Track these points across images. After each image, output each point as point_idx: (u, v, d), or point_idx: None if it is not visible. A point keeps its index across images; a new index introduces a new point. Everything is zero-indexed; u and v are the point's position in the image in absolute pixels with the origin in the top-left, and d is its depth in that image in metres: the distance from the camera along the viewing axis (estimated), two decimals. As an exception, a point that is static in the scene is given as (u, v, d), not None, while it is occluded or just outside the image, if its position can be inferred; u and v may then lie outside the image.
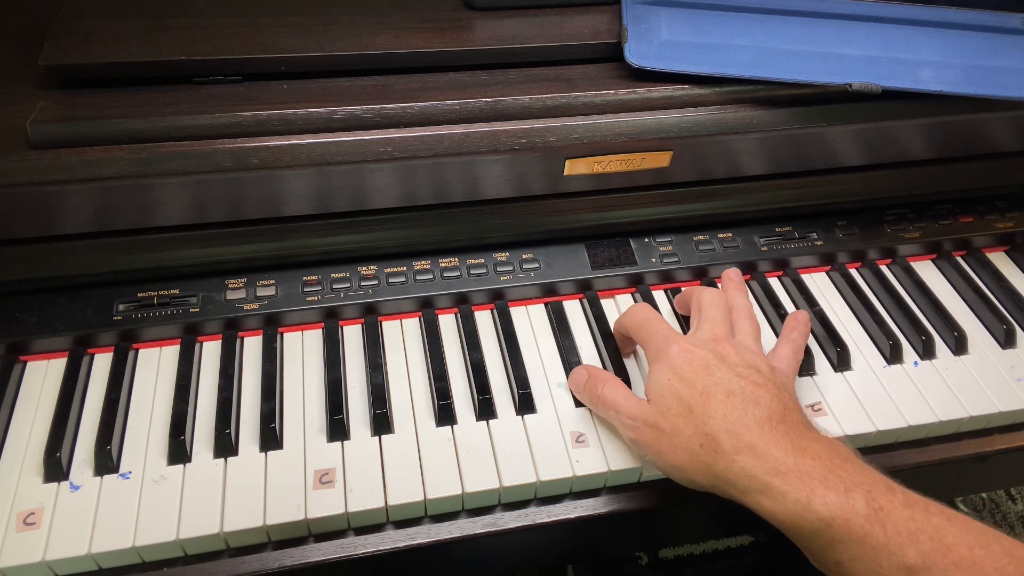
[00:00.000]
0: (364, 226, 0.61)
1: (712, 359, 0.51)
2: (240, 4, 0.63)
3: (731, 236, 0.69)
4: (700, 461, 0.48)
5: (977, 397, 0.60)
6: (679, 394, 0.50)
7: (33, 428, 0.55)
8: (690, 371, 0.50)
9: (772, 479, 0.45)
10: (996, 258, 0.73)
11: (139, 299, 0.60)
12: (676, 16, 0.64)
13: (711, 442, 0.47)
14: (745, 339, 0.55)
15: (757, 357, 0.52)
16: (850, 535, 0.43)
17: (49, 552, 0.48)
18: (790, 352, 0.57)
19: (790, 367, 0.56)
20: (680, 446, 0.49)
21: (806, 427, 0.49)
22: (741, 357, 0.51)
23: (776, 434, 0.47)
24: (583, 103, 0.59)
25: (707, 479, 0.48)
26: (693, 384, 0.50)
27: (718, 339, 0.53)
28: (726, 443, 0.47)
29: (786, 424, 0.47)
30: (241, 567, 0.50)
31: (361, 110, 0.56)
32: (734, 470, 0.46)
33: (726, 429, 0.47)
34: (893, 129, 0.64)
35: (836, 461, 0.45)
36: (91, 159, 0.52)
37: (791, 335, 0.58)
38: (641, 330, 0.56)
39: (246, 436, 0.55)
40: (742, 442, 0.46)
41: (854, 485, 0.44)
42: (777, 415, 0.48)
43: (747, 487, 0.46)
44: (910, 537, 0.42)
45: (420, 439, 0.55)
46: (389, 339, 0.62)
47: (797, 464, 0.45)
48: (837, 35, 0.64)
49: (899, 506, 0.43)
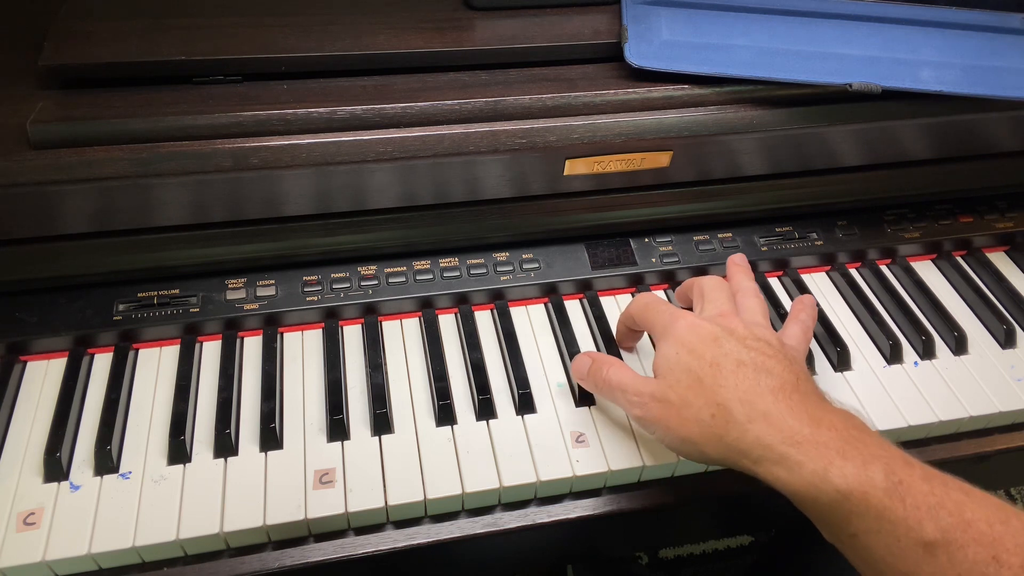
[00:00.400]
0: (364, 226, 0.61)
1: (720, 332, 0.49)
2: (240, 4, 0.63)
3: (731, 236, 0.69)
4: (711, 432, 0.46)
5: (977, 397, 0.60)
6: (688, 366, 0.48)
7: (33, 428, 0.55)
8: (698, 343, 0.49)
9: (788, 449, 0.44)
10: (996, 258, 0.73)
11: (139, 299, 0.60)
12: (676, 16, 0.64)
13: (723, 411, 0.46)
14: (752, 315, 0.53)
15: (766, 330, 0.51)
16: (868, 508, 0.42)
17: (49, 552, 0.48)
18: (799, 331, 0.55)
19: (800, 344, 0.54)
20: (690, 418, 0.47)
21: (820, 397, 0.47)
22: (750, 330, 0.50)
23: (791, 403, 0.45)
24: (583, 103, 0.59)
25: (719, 451, 0.46)
26: (702, 355, 0.48)
27: (725, 314, 0.52)
28: (738, 412, 0.45)
29: (800, 393, 0.46)
30: (241, 567, 0.50)
31: (361, 110, 0.56)
32: (747, 439, 0.45)
33: (738, 398, 0.46)
34: (893, 129, 0.64)
35: (853, 432, 0.44)
36: (91, 159, 0.52)
37: (799, 315, 0.57)
38: (647, 312, 0.55)
39: (246, 436, 0.55)
40: (755, 410, 0.45)
41: (872, 457, 0.43)
42: (790, 384, 0.46)
43: (761, 456, 0.45)
44: (929, 512, 0.41)
45: (420, 439, 0.55)
46: (389, 339, 0.62)
47: (814, 434, 0.44)
48: (837, 35, 0.64)
49: (918, 480, 0.42)
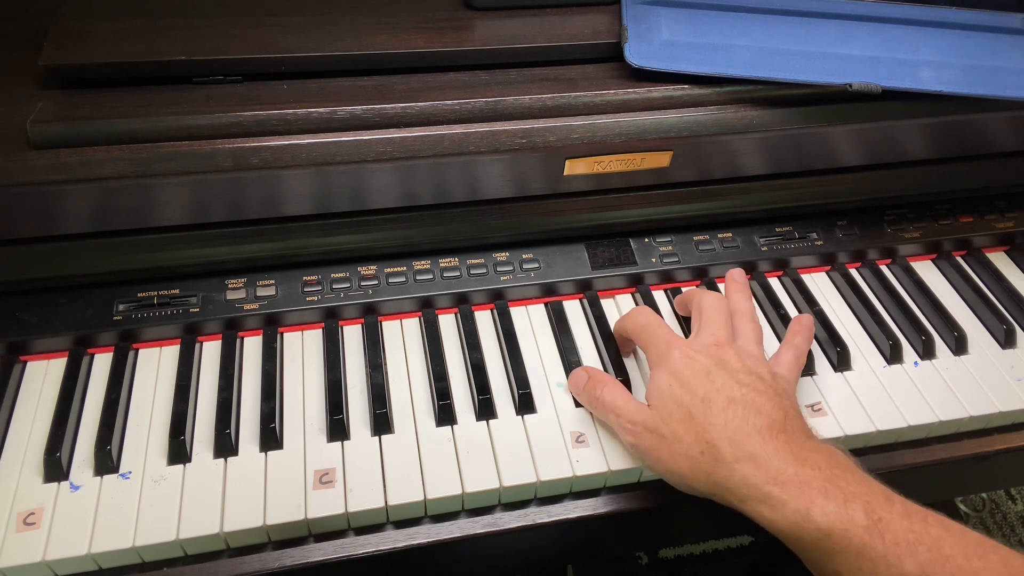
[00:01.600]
0: (364, 226, 0.61)
1: (713, 365, 0.51)
2: (240, 4, 0.63)
3: (731, 236, 0.69)
4: (700, 468, 0.48)
5: (977, 397, 0.60)
6: (680, 400, 0.50)
7: (33, 428, 0.55)
8: (691, 377, 0.50)
9: (772, 488, 0.45)
10: (996, 258, 0.73)
11: (139, 299, 0.60)
12: (676, 16, 0.64)
13: (712, 450, 0.47)
14: (747, 344, 0.55)
15: (759, 363, 0.52)
16: (849, 546, 0.43)
17: (49, 552, 0.48)
18: (792, 358, 0.56)
19: (792, 373, 0.55)
20: (680, 452, 0.49)
21: (807, 436, 0.49)
22: (743, 363, 0.51)
23: (777, 443, 0.47)
24: (583, 103, 0.59)
25: (707, 486, 0.48)
26: (695, 390, 0.50)
27: (720, 344, 0.53)
28: (727, 451, 0.47)
29: (787, 433, 0.47)
30: (241, 567, 0.50)
31: (361, 110, 0.56)
32: (734, 479, 0.46)
33: (727, 437, 0.47)
34: (893, 129, 0.64)
35: (836, 471, 0.45)
36: (91, 159, 0.52)
37: (794, 340, 0.58)
38: (643, 334, 0.56)
39: (246, 436, 0.55)
40: (743, 451, 0.47)
41: (853, 496, 0.44)
42: (778, 424, 0.48)
43: (747, 496, 0.46)
44: (908, 548, 0.42)
45: (420, 439, 0.55)
46: (389, 339, 0.62)
47: (797, 474, 0.45)
48: (837, 35, 0.64)
49: (897, 517, 0.43)
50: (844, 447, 0.49)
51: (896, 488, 0.46)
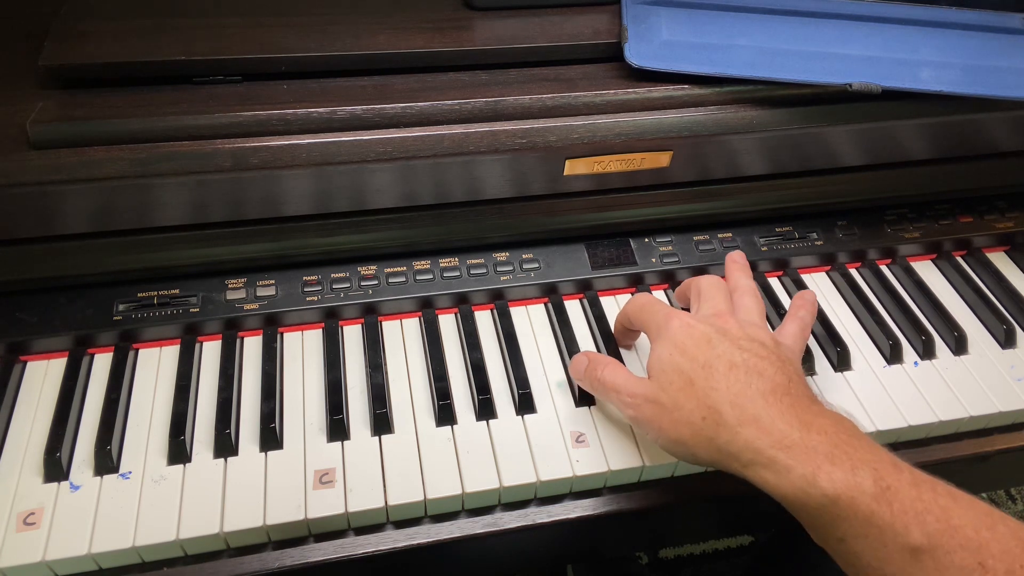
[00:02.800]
0: (364, 226, 0.61)
1: (714, 333, 0.50)
2: (240, 4, 0.63)
3: (731, 236, 0.69)
4: (702, 435, 0.47)
5: (977, 397, 0.60)
6: (680, 368, 0.49)
7: (33, 428, 0.55)
8: (691, 344, 0.49)
9: (777, 453, 0.44)
10: (996, 258, 0.73)
11: (139, 299, 0.60)
12: (676, 16, 0.64)
13: (714, 415, 0.46)
14: (748, 315, 0.54)
15: (760, 331, 0.51)
16: (856, 513, 0.42)
17: (49, 552, 0.48)
18: (797, 329, 0.55)
19: (796, 343, 0.54)
20: (682, 420, 0.48)
21: (811, 400, 0.48)
22: (744, 331, 0.50)
23: (781, 406, 0.46)
24: (583, 103, 0.59)
25: (709, 453, 0.47)
26: (695, 357, 0.49)
27: (720, 314, 0.52)
28: (729, 415, 0.46)
29: (791, 396, 0.46)
30: (241, 567, 0.50)
31: (361, 110, 0.56)
32: (737, 443, 0.45)
33: (729, 401, 0.46)
34: (893, 129, 0.64)
35: (843, 437, 0.44)
36: (91, 159, 0.52)
37: (798, 312, 0.57)
38: (643, 313, 0.55)
39: (246, 436, 0.55)
40: (746, 414, 0.46)
41: (861, 462, 0.43)
42: (782, 387, 0.47)
43: (751, 460, 0.45)
44: (916, 517, 0.41)
45: (420, 439, 0.55)
46: (389, 339, 0.62)
47: (803, 438, 0.44)
48: (837, 35, 0.64)
49: (906, 485, 0.42)
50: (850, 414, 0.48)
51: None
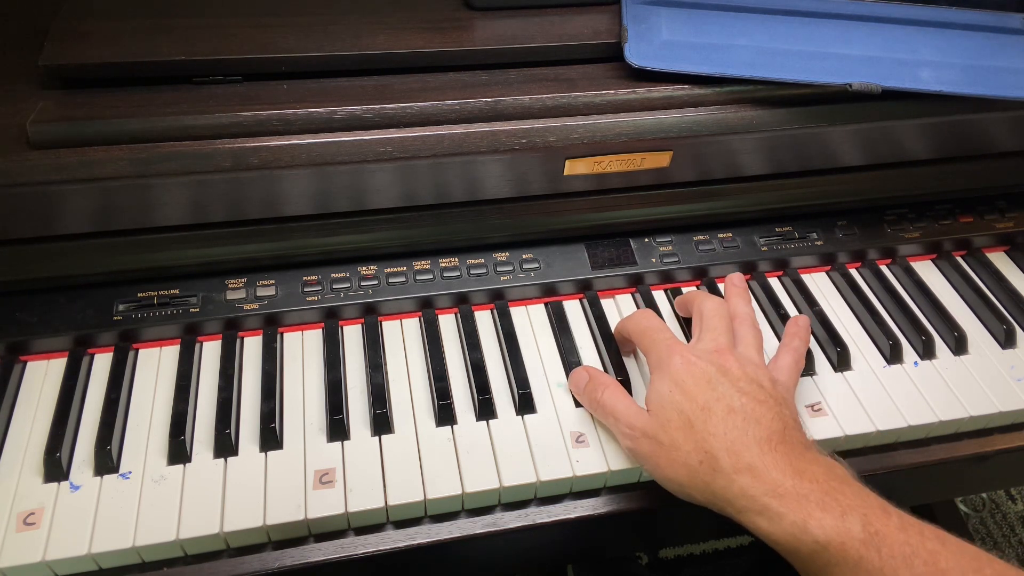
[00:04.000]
0: (364, 226, 0.61)
1: (714, 372, 0.51)
2: (240, 4, 0.63)
3: (731, 236, 0.69)
4: (698, 478, 0.48)
5: (977, 397, 0.60)
6: (680, 407, 0.50)
7: (33, 428, 0.55)
8: (692, 384, 0.50)
9: (769, 500, 0.45)
10: (996, 258, 0.73)
11: (139, 299, 0.60)
12: (676, 16, 0.64)
13: (710, 460, 0.47)
14: (747, 350, 0.55)
15: (759, 370, 0.53)
16: (846, 558, 0.43)
17: (49, 552, 0.48)
18: (791, 362, 0.56)
19: (791, 379, 0.56)
20: (678, 461, 0.49)
21: (805, 447, 0.49)
22: (743, 371, 0.51)
23: (776, 455, 0.47)
24: (583, 103, 0.59)
25: (704, 496, 0.48)
26: (695, 398, 0.50)
27: (721, 351, 0.53)
28: (725, 462, 0.47)
29: (786, 445, 0.47)
30: (241, 567, 0.50)
31: (361, 110, 0.56)
32: (732, 490, 0.46)
33: (726, 448, 0.47)
34: (893, 129, 0.64)
35: (833, 483, 0.45)
36: (91, 159, 0.52)
37: (792, 343, 0.58)
38: (644, 338, 0.56)
39: (246, 436, 0.55)
40: (741, 462, 0.47)
41: (850, 508, 0.44)
42: (777, 435, 0.48)
43: (744, 507, 0.46)
44: (904, 561, 0.42)
45: (420, 439, 0.55)
46: (389, 339, 0.62)
47: (795, 486, 0.45)
48: (837, 35, 0.64)
49: (894, 530, 0.44)
50: (841, 459, 0.49)
51: (896, 488, 0.46)
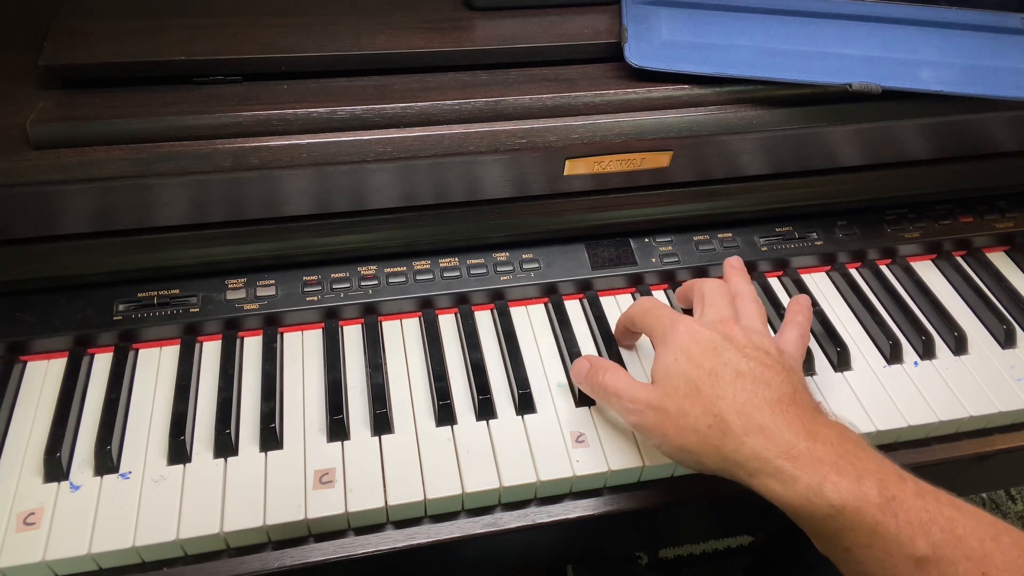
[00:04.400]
0: (364, 226, 0.61)
1: (720, 340, 0.50)
2: (240, 4, 0.63)
3: (731, 236, 0.69)
4: (708, 443, 0.47)
5: (977, 397, 0.60)
6: (687, 374, 0.49)
7: (33, 428, 0.55)
8: (698, 351, 0.50)
9: (783, 463, 0.44)
10: (996, 258, 0.73)
11: (139, 299, 0.60)
12: (676, 16, 0.64)
13: (720, 423, 0.47)
14: (752, 322, 0.54)
15: (765, 338, 0.52)
16: (861, 523, 0.42)
17: (49, 552, 0.48)
18: (796, 335, 0.56)
19: (797, 350, 0.55)
20: (687, 427, 0.48)
21: (816, 410, 0.48)
22: (749, 339, 0.51)
23: (787, 416, 0.46)
24: (583, 103, 0.59)
25: (715, 461, 0.47)
26: (701, 364, 0.49)
27: (725, 321, 0.52)
28: (736, 424, 0.46)
29: (797, 407, 0.47)
30: (241, 567, 0.50)
31: (361, 110, 0.56)
32: (744, 452, 0.46)
33: (736, 410, 0.47)
34: (893, 129, 0.64)
35: (848, 447, 0.45)
36: (91, 159, 0.52)
37: (796, 318, 0.57)
38: (647, 316, 0.55)
39: (246, 436, 0.55)
40: (752, 423, 0.46)
41: (866, 472, 0.43)
42: (787, 397, 0.47)
43: (757, 469, 0.45)
44: (921, 527, 0.42)
45: (420, 439, 0.55)
46: (389, 339, 0.62)
47: (809, 448, 0.44)
48: (837, 35, 0.64)
49: (911, 495, 0.43)
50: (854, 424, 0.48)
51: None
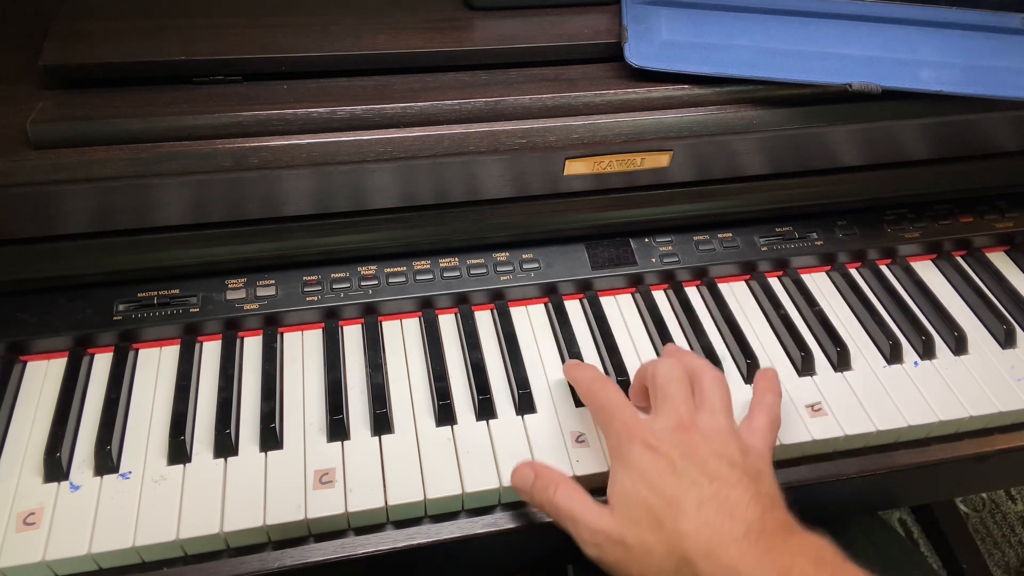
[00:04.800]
0: (364, 226, 0.61)
1: (679, 457, 0.46)
2: (240, 4, 0.63)
3: (731, 236, 0.69)
4: None
5: (977, 397, 0.60)
6: (646, 503, 0.45)
7: (33, 428, 0.55)
8: (656, 475, 0.46)
9: None
10: (996, 258, 0.73)
11: (139, 299, 0.60)
12: (676, 16, 0.64)
13: (687, 565, 0.43)
14: (711, 417, 0.49)
15: (728, 441, 0.48)
16: None
17: (49, 552, 0.48)
18: (766, 423, 0.52)
19: (766, 442, 0.51)
20: (652, 567, 0.45)
21: (788, 531, 0.45)
22: (711, 447, 0.47)
23: (757, 551, 0.43)
24: (583, 103, 0.59)
25: None
26: (661, 491, 0.45)
27: (683, 426, 0.48)
28: (704, 568, 0.43)
29: (766, 536, 0.43)
30: (241, 567, 0.50)
31: (361, 110, 0.56)
32: None
33: (703, 551, 0.43)
34: (893, 129, 0.64)
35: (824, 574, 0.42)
36: (91, 159, 0.52)
37: (764, 399, 0.53)
38: (602, 415, 0.52)
39: (246, 436, 0.55)
40: (721, 567, 0.43)
41: None
42: (756, 527, 0.44)
43: None
44: None
45: (420, 439, 0.55)
46: (389, 339, 0.62)
47: None
48: (837, 35, 0.64)
49: None
50: (823, 531, 0.45)
51: (896, 488, 0.45)
